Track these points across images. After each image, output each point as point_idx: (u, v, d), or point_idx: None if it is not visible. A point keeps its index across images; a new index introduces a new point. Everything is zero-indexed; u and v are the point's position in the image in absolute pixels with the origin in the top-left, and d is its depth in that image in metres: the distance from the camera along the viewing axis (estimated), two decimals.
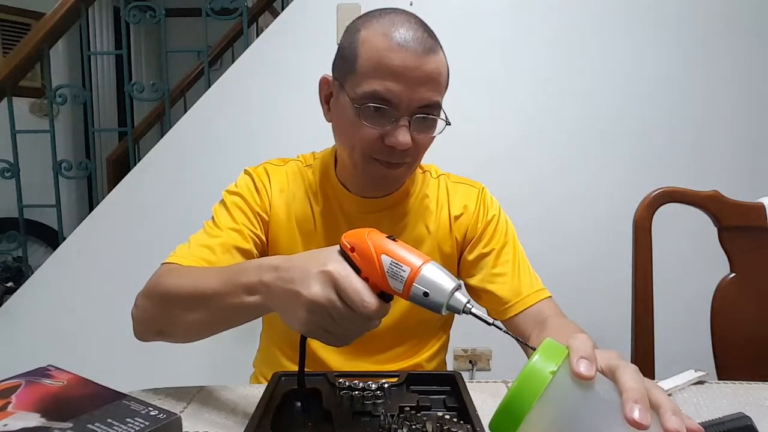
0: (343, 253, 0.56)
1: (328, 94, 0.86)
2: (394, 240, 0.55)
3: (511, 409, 0.41)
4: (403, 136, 0.77)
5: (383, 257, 0.53)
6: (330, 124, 0.87)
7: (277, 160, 0.96)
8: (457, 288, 0.52)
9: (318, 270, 0.54)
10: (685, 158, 1.88)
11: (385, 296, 0.55)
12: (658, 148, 1.88)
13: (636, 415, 0.39)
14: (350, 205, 0.91)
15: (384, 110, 0.77)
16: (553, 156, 1.89)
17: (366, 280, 0.54)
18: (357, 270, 0.55)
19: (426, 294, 0.52)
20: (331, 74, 0.85)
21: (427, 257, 0.54)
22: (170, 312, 0.73)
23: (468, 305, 0.52)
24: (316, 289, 0.54)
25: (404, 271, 0.52)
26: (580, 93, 1.87)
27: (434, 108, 0.79)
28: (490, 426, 0.43)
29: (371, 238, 0.55)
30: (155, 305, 0.75)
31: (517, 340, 0.57)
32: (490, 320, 0.52)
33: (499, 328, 0.53)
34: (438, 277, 0.52)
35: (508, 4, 1.85)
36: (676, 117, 1.88)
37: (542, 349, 0.43)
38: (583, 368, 0.41)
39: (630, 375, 0.43)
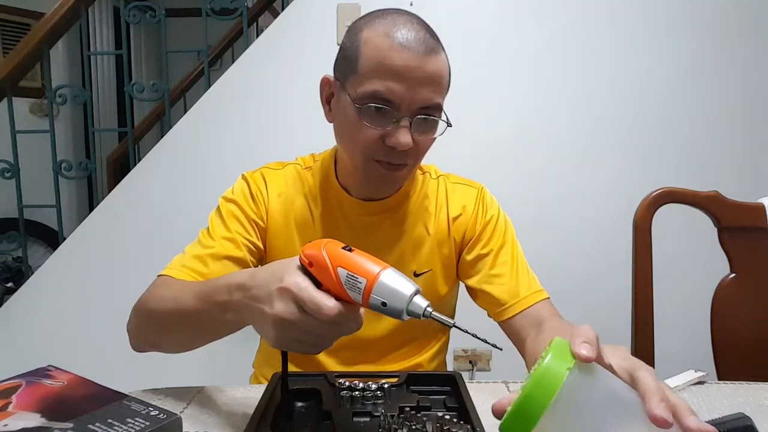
0: (303, 267, 0.56)
1: (329, 94, 0.85)
2: (350, 250, 0.54)
3: (526, 409, 0.40)
4: (404, 137, 0.76)
5: (339, 270, 0.52)
6: (331, 124, 0.87)
7: (274, 164, 0.96)
8: (416, 293, 0.51)
9: (276, 287, 0.54)
10: (685, 158, 1.88)
11: None
12: (658, 148, 1.88)
13: (661, 412, 0.40)
14: (351, 208, 0.90)
15: (385, 110, 0.76)
16: (552, 156, 1.89)
17: (328, 292, 0.53)
18: (318, 284, 0.54)
19: (384, 304, 0.51)
20: (332, 74, 0.85)
21: (385, 264, 0.53)
22: (157, 330, 0.76)
23: (428, 309, 0.51)
24: (279, 306, 0.54)
25: (360, 282, 0.51)
26: (580, 93, 1.87)
27: (435, 109, 0.79)
28: (501, 428, 0.42)
29: (327, 251, 0.54)
30: (143, 322, 0.78)
31: (476, 336, 0.55)
32: (451, 322, 0.52)
33: (460, 329, 0.53)
34: (396, 284, 0.51)
35: (505, 5, 1.85)
36: (677, 117, 1.88)
37: (554, 348, 0.43)
38: (584, 351, 0.42)
39: (651, 375, 0.45)
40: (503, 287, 0.89)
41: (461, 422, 0.61)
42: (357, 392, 0.68)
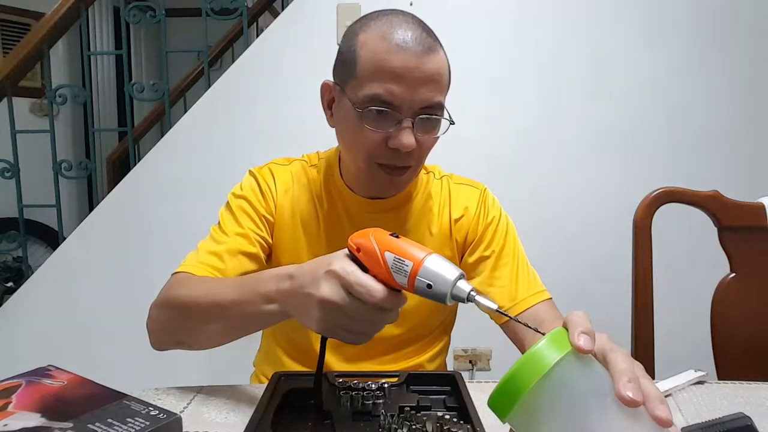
0: (351, 254, 0.58)
1: (330, 99, 0.85)
2: (397, 237, 0.56)
3: (510, 387, 0.41)
4: (407, 138, 0.76)
5: (387, 254, 0.54)
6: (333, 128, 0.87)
7: (282, 160, 0.96)
8: (460, 277, 0.53)
9: (324, 270, 0.56)
10: (684, 158, 1.88)
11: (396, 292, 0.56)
12: (658, 148, 1.88)
13: (629, 392, 0.39)
14: (354, 206, 0.90)
15: (386, 113, 0.76)
16: (553, 156, 1.89)
17: (374, 278, 0.55)
18: (365, 269, 0.56)
19: (429, 286, 0.52)
20: (332, 79, 0.85)
21: (430, 250, 0.54)
22: (188, 323, 0.75)
23: (472, 293, 0.52)
24: (325, 288, 0.55)
25: (407, 265, 0.53)
26: (580, 93, 1.87)
27: (437, 108, 0.79)
28: (488, 403, 0.43)
29: (375, 236, 0.56)
30: (172, 317, 0.76)
31: (518, 321, 0.56)
32: (495, 306, 0.52)
33: (506, 315, 0.54)
34: (441, 268, 0.52)
35: (507, 5, 1.85)
36: (677, 117, 1.88)
37: (550, 335, 0.43)
38: (582, 341, 0.42)
39: (622, 357, 0.43)
40: (503, 290, 0.89)
41: (461, 422, 0.61)
42: (357, 392, 0.68)
